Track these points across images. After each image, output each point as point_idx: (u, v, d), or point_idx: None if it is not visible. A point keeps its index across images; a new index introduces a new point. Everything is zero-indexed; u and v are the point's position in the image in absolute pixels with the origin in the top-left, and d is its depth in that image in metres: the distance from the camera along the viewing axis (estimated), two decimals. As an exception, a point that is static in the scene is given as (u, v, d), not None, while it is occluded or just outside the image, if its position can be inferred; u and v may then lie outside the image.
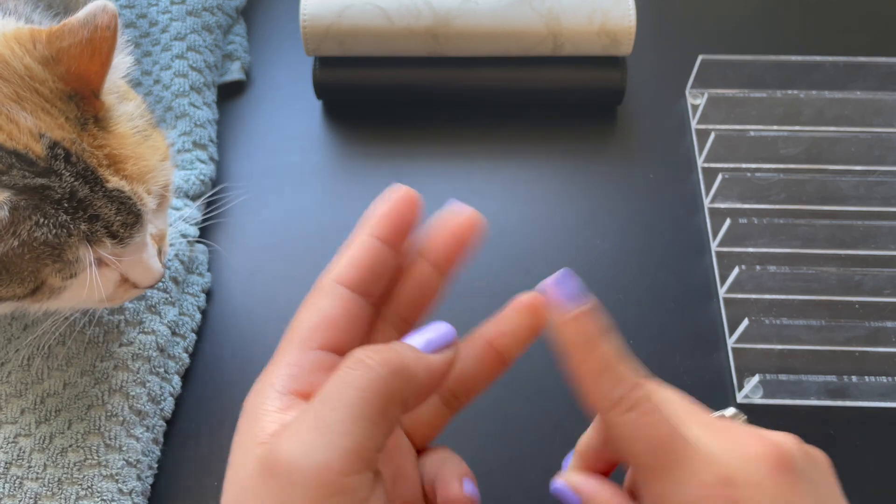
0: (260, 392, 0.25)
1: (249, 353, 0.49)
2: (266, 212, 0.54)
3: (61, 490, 0.40)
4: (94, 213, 0.35)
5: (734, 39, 0.64)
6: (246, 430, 0.24)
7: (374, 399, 0.23)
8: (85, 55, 0.35)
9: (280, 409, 0.24)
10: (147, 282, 0.39)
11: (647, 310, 0.50)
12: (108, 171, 0.35)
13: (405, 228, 0.27)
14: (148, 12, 0.58)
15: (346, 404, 0.22)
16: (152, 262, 0.39)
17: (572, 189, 0.56)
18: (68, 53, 0.35)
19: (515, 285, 0.51)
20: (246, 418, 0.25)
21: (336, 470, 0.22)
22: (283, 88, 0.61)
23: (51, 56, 0.35)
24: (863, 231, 0.50)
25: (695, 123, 0.58)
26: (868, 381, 0.45)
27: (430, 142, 0.58)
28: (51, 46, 0.35)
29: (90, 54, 0.35)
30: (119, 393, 0.43)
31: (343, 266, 0.26)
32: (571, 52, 0.56)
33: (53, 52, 0.35)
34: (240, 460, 0.24)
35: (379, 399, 0.23)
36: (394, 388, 0.23)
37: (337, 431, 0.22)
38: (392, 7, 0.55)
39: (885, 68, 0.58)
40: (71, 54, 0.35)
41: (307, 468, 0.22)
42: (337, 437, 0.22)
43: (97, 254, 0.36)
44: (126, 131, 0.37)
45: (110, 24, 0.35)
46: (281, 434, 0.23)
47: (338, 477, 0.22)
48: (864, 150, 0.54)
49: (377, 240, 0.26)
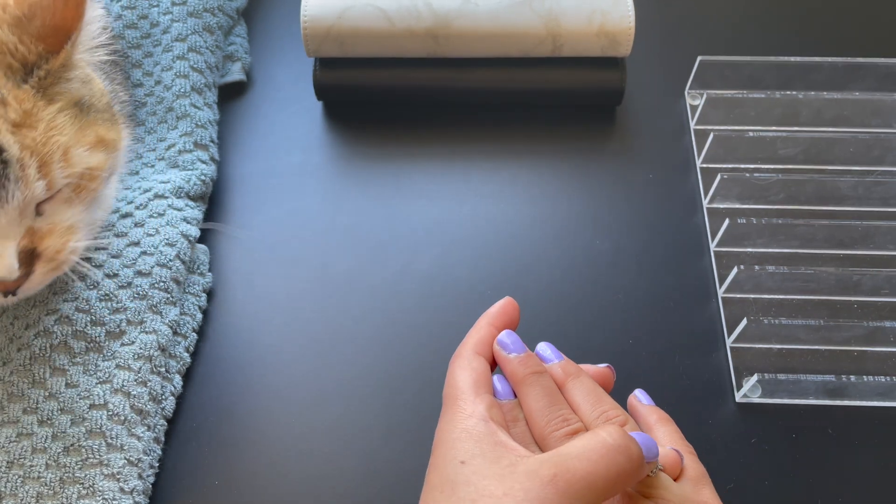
0: (491, 434, 0.32)
1: (250, 353, 0.49)
2: (266, 212, 0.55)
3: (63, 489, 0.41)
4: None
5: (733, 40, 0.64)
6: (495, 459, 0.31)
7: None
8: (58, 3, 0.33)
9: (503, 428, 0.33)
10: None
11: (646, 309, 0.50)
12: (5, 124, 0.33)
13: (510, 322, 0.38)
14: (149, 13, 0.58)
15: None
16: (6, 249, 0.34)
17: (571, 189, 0.56)
18: (40, 5, 0.34)
19: (515, 285, 0.51)
20: (485, 452, 0.31)
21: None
22: (283, 89, 0.61)
23: (23, 14, 0.34)
24: (861, 231, 0.51)
25: (693, 124, 0.58)
26: (866, 381, 0.45)
27: (430, 143, 0.58)
28: (21, 4, 0.34)
29: (62, 4, 0.34)
30: (120, 392, 0.43)
31: (477, 342, 0.36)
32: (571, 53, 0.56)
33: (25, 9, 0.34)
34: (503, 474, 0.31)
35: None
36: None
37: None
38: (392, 8, 0.55)
39: (884, 69, 0.58)
40: (43, 6, 0.34)
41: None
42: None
43: None
44: (64, 100, 0.35)
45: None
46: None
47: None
48: (862, 151, 0.55)
49: (493, 327, 0.37)
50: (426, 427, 0.46)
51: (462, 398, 0.33)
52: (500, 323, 0.37)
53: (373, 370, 0.48)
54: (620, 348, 0.49)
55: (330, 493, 0.44)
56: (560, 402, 0.34)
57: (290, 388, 0.47)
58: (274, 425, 0.46)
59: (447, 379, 0.35)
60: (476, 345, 0.36)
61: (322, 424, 0.46)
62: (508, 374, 0.36)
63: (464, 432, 0.32)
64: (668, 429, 0.37)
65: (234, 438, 0.45)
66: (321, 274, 0.52)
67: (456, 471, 0.31)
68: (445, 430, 0.33)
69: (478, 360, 0.35)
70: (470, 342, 0.36)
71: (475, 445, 0.31)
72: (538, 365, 0.36)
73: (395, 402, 0.47)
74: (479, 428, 0.32)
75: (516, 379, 0.35)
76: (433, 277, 0.52)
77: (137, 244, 0.48)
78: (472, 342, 0.36)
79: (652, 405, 0.39)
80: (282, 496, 0.44)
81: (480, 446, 0.31)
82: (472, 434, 0.32)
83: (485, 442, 0.31)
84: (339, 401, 0.47)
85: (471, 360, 0.35)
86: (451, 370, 0.35)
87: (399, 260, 0.52)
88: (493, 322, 0.37)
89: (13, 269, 0.35)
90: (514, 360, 0.35)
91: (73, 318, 0.45)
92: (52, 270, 0.38)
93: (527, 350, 0.36)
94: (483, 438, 0.32)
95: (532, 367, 0.35)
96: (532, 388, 0.35)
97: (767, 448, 0.45)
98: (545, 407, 0.34)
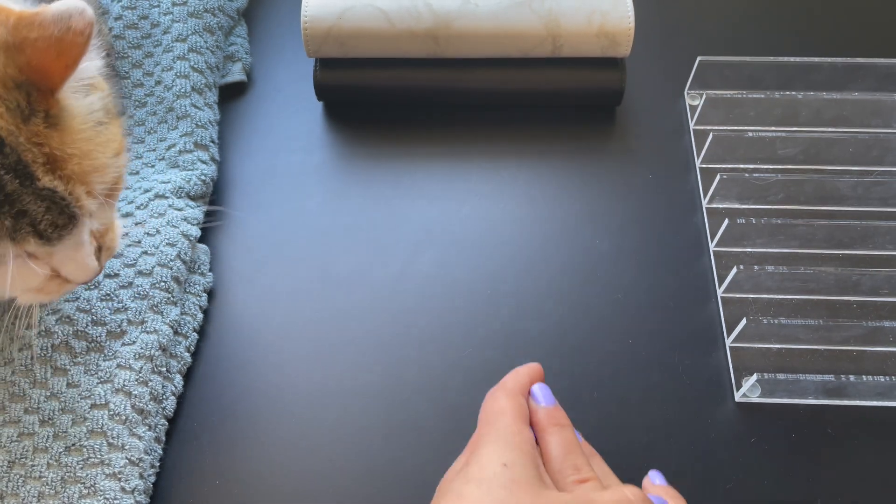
0: (534, 457, 0.36)
1: (251, 352, 0.49)
2: (267, 212, 0.55)
3: (64, 489, 0.41)
4: (21, 209, 0.33)
5: (732, 41, 0.64)
6: (532, 478, 0.34)
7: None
8: (51, 53, 0.33)
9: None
10: (81, 278, 0.38)
11: (646, 309, 0.50)
12: (42, 168, 0.33)
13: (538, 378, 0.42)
14: (150, 14, 0.58)
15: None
16: (88, 259, 0.37)
17: (571, 190, 0.56)
18: (34, 46, 0.33)
19: (515, 285, 0.52)
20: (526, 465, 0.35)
21: None
22: (284, 90, 0.61)
23: (13, 43, 0.33)
24: (861, 231, 0.51)
25: (693, 124, 0.58)
26: (866, 381, 0.45)
27: (431, 143, 0.58)
28: (16, 33, 0.33)
29: (56, 54, 0.33)
30: (122, 392, 0.43)
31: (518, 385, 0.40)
32: (570, 54, 0.56)
33: (18, 39, 0.33)
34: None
35: None
36: None
37: None
38: (392, 9, 0.55)
39: (883, 69, 0.58)
40: (37, 47, 0.33)
41: None
42: None
43: (20, 250, 0.34)
44: (78, 127, 0.35)
45: (84, 31, 0.33)
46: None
47: None
48: (862, 151, 0.55)
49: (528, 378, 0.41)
50: (426, 427, 0.46)
51: (511, 418, 0.37)
52: (535, 377, 0.42)
53: (373, 370, 0.48)
54: (620, 348, 0.49)
55: (330, 493, 0.44)
56: (575, 453, 0.37)
57: (290, 387, 0.47)
58: (274, 425, 0.46)
59: (489, 403, 0.39)
60: (517, 385, 0.40)
61: (322, 424, 0.46)
62: (535, 421, 0.39)
63: (512, 442, 0.36)
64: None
65: (234, 438, 0.46)
66: (321, 274, 0.52)
67: (498, 471, 0.34)
68: (494, 433, 0.36)
69: (521, 398, 0.39)
70: (511, 382, 0.40)
71: (520, 456, 0.35)
72: (563, 419, 0.39)
73: (395, 402, 0.47)
74: (526, 447, 0.36)
75: (541, 426, 0.39)
76: (433, 277, 0.52)
77: (138, 244, 0.48)
78: (513, 383, 0.40)
79: (665, 485, 0.41)
80: (282, 496, 0.44)
81: (524, 460, 0.35)
82: (521, 447, 0.36)
83: (528, 458, 0.35)
84: (339, 401, 0.47)
85: (515, 395, 0.39)
86: (497, 397, 0.39)
87: (399, 260, 0.52)
88: (529, 374, 0.41)
89: (97, 269, 0.39)
90: (542, 410, 0.39)
91: (74, 317, 0.45)
92: (109, 255, 0.41)
93: (556, 403, 0.40)
94: (527, 455, 0.35)
95: (556, 420, 0.39)
96: (552, 437, 0.38)
97: (767, 448, 0.45)
98: (561, 455, 0.37)
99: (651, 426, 0.46)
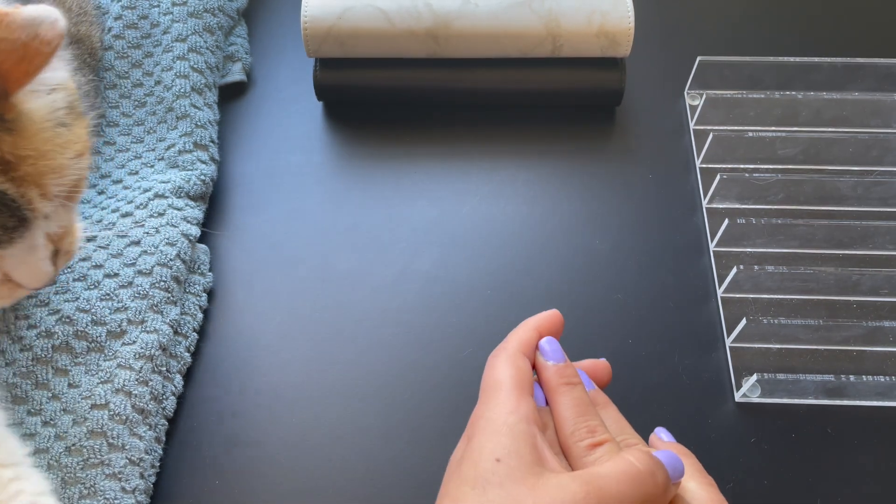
0: (531, 437, 0.33)
1: (251, 352, 0.49)
2: (267, 212, 0.55)
3: (64, 490, 0.41)
4: None
5: (732, 41, 0.64)
6: (530, 463, 0.32)
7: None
8: (13, 57, 0.31)
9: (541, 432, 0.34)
10: (33, 284, 0.37)
11: (646, 309, 0.50)
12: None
13: (555, 331, 0.38)
14: (149, 14, 0.58)
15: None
16: (41, 264, 0.36)
17: (571, 190, 0.56)
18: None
19: (515, 285, 0.52)
20: (522, 452, 0.32)
21: None
22: (283, 90, 0.61)
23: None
24: (860, 231, 0.51)
25: (693, 124, 0.58)
26: (865, 381, 0.45)
27: (430, 143, 0.58)
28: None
29: (18, 59, 0.31)
30: (122, 392, 0.43)
31: (521, 342, 0.37)
32: (570, 54, 0.56)
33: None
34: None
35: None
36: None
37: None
38: (392, 9, 0.55)
39: (883, 69, 0.58)
40: (1, 48, 0.31)
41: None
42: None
43: None
44: (36, 128, 0.34)
45: (52, 42, 0.32)
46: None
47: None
48: (861, 151, 0.55)
49: (537, 332, 0.38)
50: (426, 427, 0.46)
51: (507, 393, 0.34)
52: (545, 329, 0.38)
53: (373, 370, 0.48)
54: (620, 348, 0.49)
55: (330, 493, 0.44)
56: (589, 413, 0.35)
57: (290, 387, 0.47)
58: (274, 425, 0.46)
59: (488, 371, 0.36)
60: (520, 344, 0.37)
61: (322, 424, 0.46)
62: (544, 380, 0.36)
63: (505, 426, 0.33)
64: (688, 461, 0.37)
65: (234, 438, 0.46)
66: (321, 274, 0.52)
67: (490, 468, 0.31)
68: (486, 419, 0.33)
69: (522, 360, 0.36)
70: (514, 340, 0.37)
71: (514, 442, 0.32)
72: (574, 376, 0.36)
73: (395, 402, 0.47)
74: (521, 427, 0.33)
75: (551, 386, 0.36)
76: (433, 277, 0.52)
77: (138, 244, 0.48)
78: (516, 341, 0.37)
79: (672, 441, 0.39)
80: (282, 496, 0.44)
81: (518, 445, 0.32)
82: (514, 431, 0.32)
83: (524, 442, 0.32)
84: (339, 401, 0.47)
85: (515, 357, 0.36)
86: (494, 364, 0.36)
87: (399, 260, 0.52)
88: (538, 327, 0.38)
89: (51, 274, 0.38)
90: (551, 368, 0.36)
91: (75, 318, 0.45)
92: (67, 259, 0.40)
93: (566, 360, 0.37)
94: (523, 438, 0.32)
95: (567, 378, 0.36)
96: (563, 397, 0.35)
97: (767, 448, 0.45)
98: (574, 416, 0.35)
99: (651, 426, 0.46)
